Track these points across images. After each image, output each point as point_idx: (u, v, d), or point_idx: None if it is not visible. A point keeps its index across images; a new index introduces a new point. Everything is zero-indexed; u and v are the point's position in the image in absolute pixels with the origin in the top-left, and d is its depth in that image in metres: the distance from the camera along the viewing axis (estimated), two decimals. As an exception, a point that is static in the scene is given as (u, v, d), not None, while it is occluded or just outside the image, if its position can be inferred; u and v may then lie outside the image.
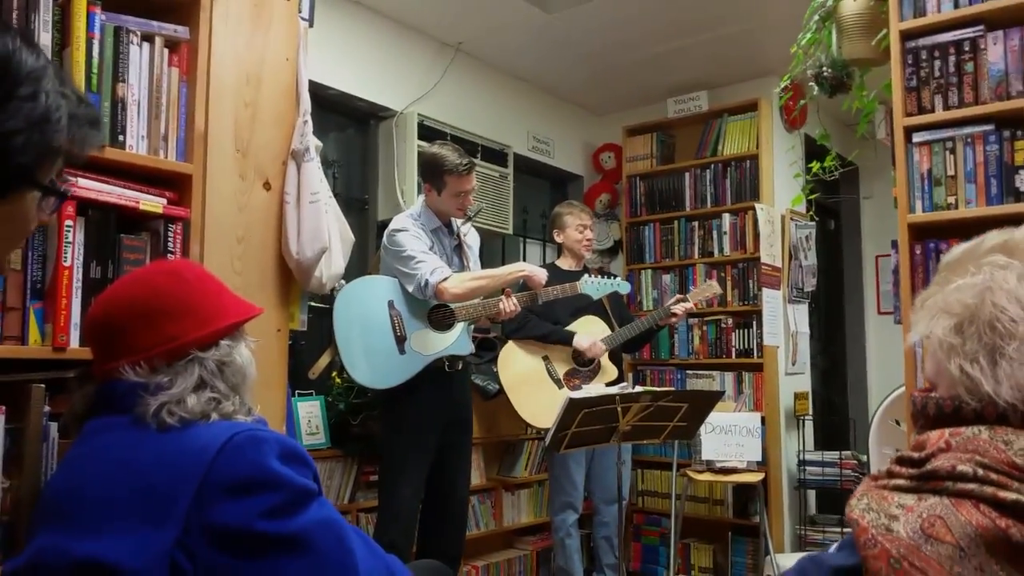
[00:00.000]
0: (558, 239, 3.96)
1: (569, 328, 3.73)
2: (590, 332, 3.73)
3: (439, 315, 3.04)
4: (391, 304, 2.98)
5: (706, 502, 4.68)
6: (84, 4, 1.59)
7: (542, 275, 3.14)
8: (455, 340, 3.04)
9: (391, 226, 3.09)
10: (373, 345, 2.93)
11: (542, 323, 3.71)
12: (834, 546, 0.92)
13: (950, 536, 0.79)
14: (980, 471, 0.81)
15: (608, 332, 3.76)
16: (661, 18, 4.19)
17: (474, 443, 4.08)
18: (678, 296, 3.90)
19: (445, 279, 2.91)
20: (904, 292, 2.32)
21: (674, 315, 3.78)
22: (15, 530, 1.26)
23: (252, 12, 1.93)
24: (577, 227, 3.89)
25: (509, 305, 3.03)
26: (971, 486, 0.81)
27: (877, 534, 0.83)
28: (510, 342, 3.75)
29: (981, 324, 0.87)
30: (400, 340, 2.95)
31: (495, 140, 4.61)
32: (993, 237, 0.93)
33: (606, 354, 3.74)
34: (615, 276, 3.53)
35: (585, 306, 3.74)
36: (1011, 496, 0.79)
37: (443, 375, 3.03)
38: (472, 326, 3.17)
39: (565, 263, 3.93)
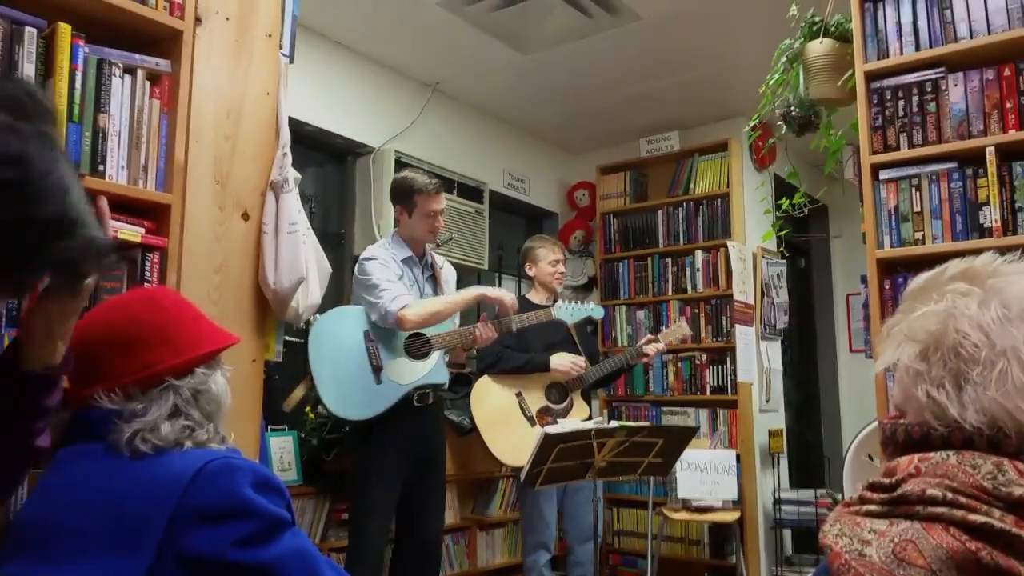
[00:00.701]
0: (530, 272, 3.94)
1: None
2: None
3: (415, 343, 3.02)
4: (367, 334, 2.97)
5: (682, 542, 4.65)
6: (68, 36, 1.61)
7: (509, 297, 3.12)
8: (431, 369, 3.01)
9: (362, 255, 3.09)
10: (349, 375, 2.90)
11: (516, 355, 3.67)
12: (810, 574, 0.93)
13: (922, 560, 0.80)
14: (949, 495, 0.83)
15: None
16: (634, 61, 4.29)
17: (448, 481, 4.02)
18: (649, 336, 3.90)
19: (404, 307, 2.89)
20: (874, 326, 2.37)
21: (645, 355, 3.79)
22: (-18, 562, 1.24)
23: (233, 47, 1.96)
24: (550, 261, 3.86)
25: (486, 332, 3.03)
26: (941, 510, 0.82)
27: (850, 559, 0.83)
28: (483, 377, 3.69)
29: (945, 350, 0.90)
30: (376, 370, 2.93)
31: (471, 177, 4.66)
32: (955, 265, 0.95)
33: (579, 392, 3.72)
34: (589, 302, 3.53)
35: (559, 341, 3.73)
36: (980, 519, 0.80)
37: (412, 409, 2.99)
38: (448, 355, 3.15)
39: (536, 296, 3.88)
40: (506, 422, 3.61)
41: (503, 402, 3.65)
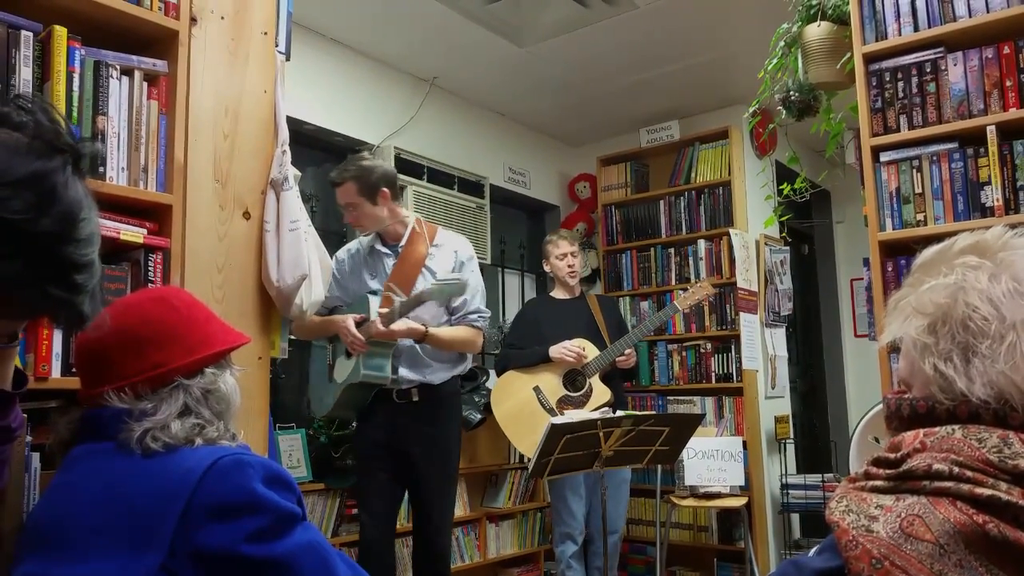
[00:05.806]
0: (547, 269, 3.99)
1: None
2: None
3: None
4: None
5: (691, 529, 4.67)
6: (64, 39, 1.61)
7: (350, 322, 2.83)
8: (352, 368, 2.88)
9: None
10: (317, 373, 3.09)
11: (520, 352, 3.78)
12: (814, 549, 0.92)
13: (929, 534, 0.80)
14: (955, 469, 0.83)
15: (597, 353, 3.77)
16: (632, 50, 4.28)
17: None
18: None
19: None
20: (877, 308, 2.36)
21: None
22: (-3, 562, 1.24)
23: (230, 46, 1.96)
24: (557, 256, 3.88)
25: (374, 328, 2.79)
26: (947, 484, 0.82)
27: (858, 535, 0.83)
28: (500, 378, 3.77)
29: (954, 323, 0.89)
30: (330, 368, 3.01)
31: (472, 172, 4.65)
32: (964, 239, 0.95)
33: (597, 377, 3.73)
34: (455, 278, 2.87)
35: (578, 328, 3.78)
36: (987, 492, 0.80)
37: (393, 405, 2.91)
38: (390, 354, 2.88)
39: (559, 293, 3.98)
40: (527, 417, 3.65)
41: (522, 398, 3.70)
